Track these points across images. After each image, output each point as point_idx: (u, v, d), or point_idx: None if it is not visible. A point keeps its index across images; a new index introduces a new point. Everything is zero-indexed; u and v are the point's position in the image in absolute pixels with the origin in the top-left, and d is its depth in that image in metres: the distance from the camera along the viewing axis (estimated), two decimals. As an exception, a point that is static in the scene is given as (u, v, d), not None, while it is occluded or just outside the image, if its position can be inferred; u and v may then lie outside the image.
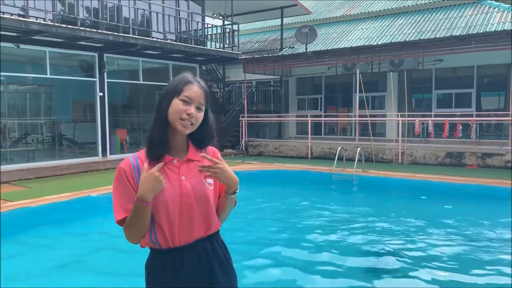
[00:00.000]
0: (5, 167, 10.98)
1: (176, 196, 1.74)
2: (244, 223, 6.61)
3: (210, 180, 1.82)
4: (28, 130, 13.46)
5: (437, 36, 13.53)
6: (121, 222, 1.75)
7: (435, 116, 14.15)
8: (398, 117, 13.69)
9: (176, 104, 1.73)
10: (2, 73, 11.47)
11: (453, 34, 13.42)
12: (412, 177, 9.71)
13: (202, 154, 1.81)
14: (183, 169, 1.79)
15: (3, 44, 10.72)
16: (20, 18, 9.91)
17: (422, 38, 13.94)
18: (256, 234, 6.25)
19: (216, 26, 16.71)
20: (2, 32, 10.18)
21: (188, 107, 1.73)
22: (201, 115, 1.78)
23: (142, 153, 1.81)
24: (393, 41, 14.69)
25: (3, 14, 9.64)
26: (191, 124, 1.74)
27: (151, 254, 1.84)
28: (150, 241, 1.80)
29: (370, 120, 13.36)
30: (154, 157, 1.76)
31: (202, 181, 1.80)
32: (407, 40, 14.26)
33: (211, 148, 1.92)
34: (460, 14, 15.32)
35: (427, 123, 13.04)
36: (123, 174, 1.76)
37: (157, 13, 13.53)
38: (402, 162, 12.35)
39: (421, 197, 8.60)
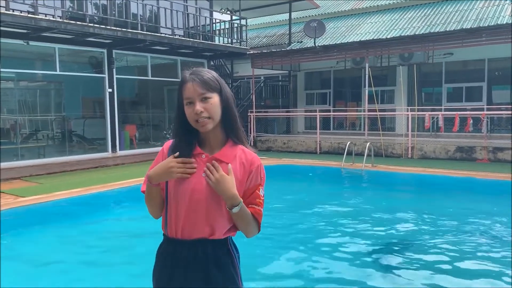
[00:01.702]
0: (17, 163, 11.10)
1: (188, 190, 1.74)
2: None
3: None
4: (39, 126, 13.58)
5: (448, 29, 13.37)
6: (143, 192, 1.85)
7: (445, 110, 14.02)
8: (407, 111, 13.58)
9: (186, 110, 1.74)
10: (12, 70, 11.58)
11: (464, 27, 13.25)
12: (422, 172, 9.65)
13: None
14: None
15: (13, 41, 10.80)
16: (30, 15, 9.97)
17: (432, 31, 13.78)
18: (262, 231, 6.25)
19: (224, 21, 16.68)
20: (12, 29, 10.26)
21: (192, 107, 1.71)
22: (211, 103, 1.72)
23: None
24: (402, 34, 14.54)
25: (13, 11, 9.71)
26: (208, 118, 1.71)
27: (163, 239, 1.88)
28: (164, 225, 1.85)
29: (379, 115, 13.28)
30: (181, 155, 1.76)
31: None
32: (417, 33, 14.10)
33: (253, 158, 1.81)
34: (471, 7, 15.11)
35: (437, 117, 12.92)
36: (161, 154, 1.86)
37: (165, 8, 13.54)
38: (412, 156, 12.27)
39: (431, 192, 8.54)
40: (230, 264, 1.82)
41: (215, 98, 1.74)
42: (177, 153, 1.73)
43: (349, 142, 11.23)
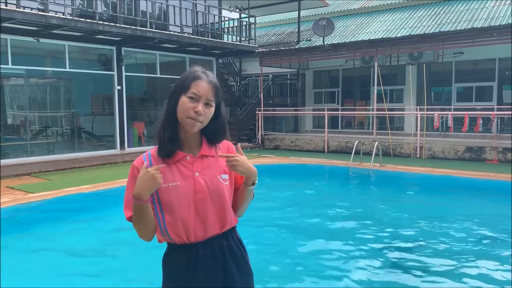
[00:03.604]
0: (26, 159, 11.22)
1: (190, 193, 1.72)
2: (258, 217, 6.62)
3: (225, 175, 1.80)
4: (48, 123, 13.70)
5: (458, 28, 13.25)
6: (130, 219, 1.76)
7: (455, 110, 13.90)
8: (416, 110, 13.49)
9: (184, 102, 1.69)
10: (23, 67, 11.69)
11: (475, 26, 13.13)
12: (430, 172, 9.58)
13: (218, 154, 1.79)
14: (197, 165, 1.77)
15: (24, 38, 10.90)
16: (40, 13, 10.04)
17: (442, 30, 13.67)
18: (268, 232, 6.25)
19: (233, 19, 16.68)
20: (22, 27, 10.35)
21: (195, 104, 1.69)
22: (210, 111, 1.73)
23: (155, 150, 1.79)
24: (412, 33, 14.44)
25: (24, 9, 9.79)
26: (200, 122, 1.70)
27: (168, 248, 1.85)
28: (163, 238, 1.81)
29: (388, 114, 13.20)
30: (165, 155, 1.75)
31: (217, 176, 1.78)
32: (426, 32, 13.99)
33: (226, 143, 1.88)
34: (482, 6, 14.96)
35: (447, 117, 12.82)
36: (135, 172, 1.75)
37: (174, 6, 13.56)
38: (421, 156, 12.19)
39: (440, 192, 8.47)
40: (244, 253, 1.89)
41: (212, 109, 1.75)
42: (161, 165, 1.70)
43: (357, 141, 11.19)
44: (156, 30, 12.52)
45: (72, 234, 5.88)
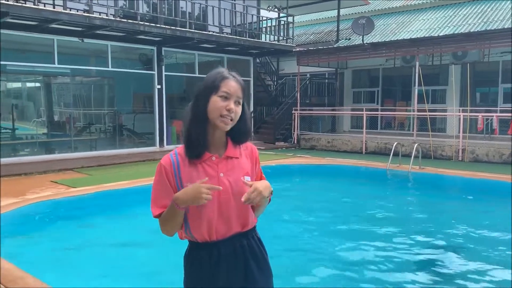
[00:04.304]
0: (70, 155, 11.70)
1: (214, 193, 1.75)
2: (289, 218, 6.61)
3: (248, 177, 1.84)
4: (92, 120, 14.21)
5: (505, 27, 12.67)
6: (157, 217, 1.82)
7: (501, 111, 13.30)
8: (459, 112, 13.02)
9: (215, 101, 1.75)
10: (68, 66, 12.17)
11: (524, 24, 12.52)
12: (472, 176, 9.21)
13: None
14: (222, 166, 1.81)
15: (69, 38, 11.36)
16: (85, 14, 10.43)
17: (488, 28, 13.12)
18: (298, 235, 6.22)
19: (271, 19, 16.68)
20: (68, 27, 10.78)
21: (227, 103, 1.74)
22: (239, 109, 1.79)
23: (182, 148, 1.83)
24: (456, 31, 13.95)
25: (70, 10, 10.20)
26: (231, 120, 1.76)
27: (189, 246, 1.89)
28: (186, 235, 1.86)
29: (429, 115, 12.81)
30: (193, 156, 1.79)
31: (240, 178, 1.81)
32: (471, 30, 13.47)
33: (249, 145, 1.94)
34: (533, 2, 14.24)
35: (491, 118, 12.29)
36: (163, 171, 1.80)
37: (213, 7, 13.72)
38: (463, 159, 11.76)
39: (482, 197, 8.14)
40: (264, 253, 1.92)
41: (241, 106, 1.81)
42: (206, 178, 1.71)
43: (396, 143, 10.93)
44: (195, 31, 12.72)
45: (108, 227, 6.09)
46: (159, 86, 13.55)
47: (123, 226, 6.21)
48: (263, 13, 17.12)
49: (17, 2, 9.43)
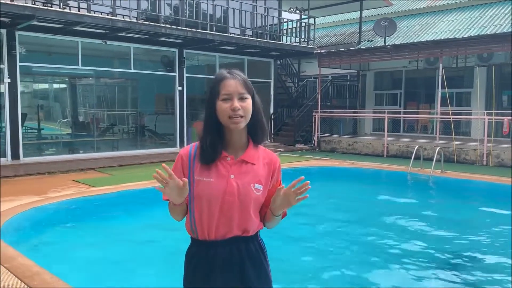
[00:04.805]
0: (93, 155, 11.94)
1: (219, 193, 1.77)
2: (308, 221, 6.58)
3: (259, 186, 1.83)
4: (115, 120, 14.48)
5: (534, 27, 12.33)
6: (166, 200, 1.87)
7: (528, 115, 12.90)
8: (484, 115, 12.70)
9: (220, 105, 1.76)
10: (92, 68, 12.44)
11: (553, 25, 12.15)
12: (496, 181, 8.98)
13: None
14: (234, 168, 1.81)
15: (93, 40, 11.60)
16: (108, 16, 10.63)
17: (516, 29, 12.78)
18: (314, 237, 6.18)
19: (292, 21, 16.65)
20: (92, 30, 11.01)
21: (230, 103, 1.75)
22: (247, 103, 1.77)
23: None
24: (482, 33, 13.63)
25: (94, 13, 10.42)
26: (241, 117, 1.75)
27: (190, 243, 1.92)
28: (190, 229, 1.88)
29: (453, 118, 12.56)
30: (207, 162, 1.81)
31: (250, 184, 1.81)
32: (498, 32, 13.15)
33: (272, 155, 1.92)
34: None
35: (518, 122, 11.96)
36: (180, 160, 1.88)
37: (234, 9, 13.79)
38: (487, 164, 11.48)
39: (506, 204, 7.92)
40: (264, 260, 1.89)
41: (249, 100, 1.79)
42: (186, 180, 1.72)
43: (417, 146, 10.75)
44: (216, 33, 12.81)
45: (127, 226, 6.19)
46: (180, 88, 13.69)
47: (143, 225, 6.30)
48: (284, 14, 17.10)
49: (43, 6, 9.68)
